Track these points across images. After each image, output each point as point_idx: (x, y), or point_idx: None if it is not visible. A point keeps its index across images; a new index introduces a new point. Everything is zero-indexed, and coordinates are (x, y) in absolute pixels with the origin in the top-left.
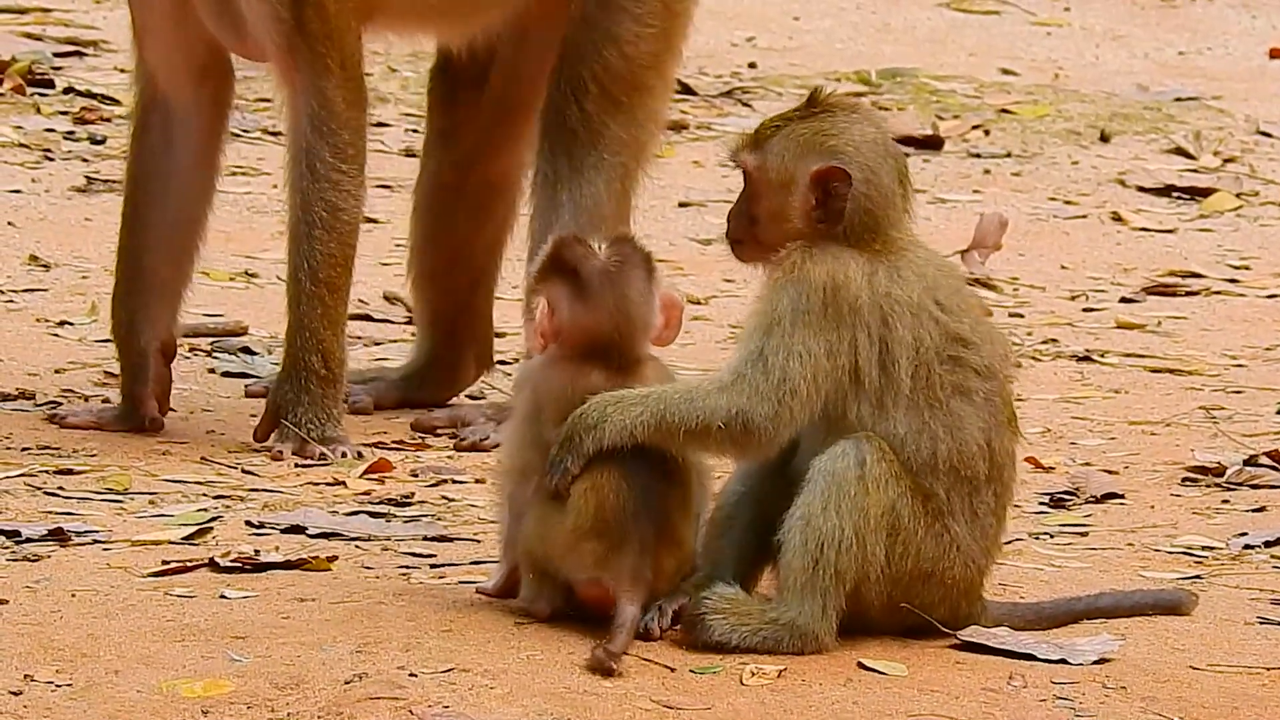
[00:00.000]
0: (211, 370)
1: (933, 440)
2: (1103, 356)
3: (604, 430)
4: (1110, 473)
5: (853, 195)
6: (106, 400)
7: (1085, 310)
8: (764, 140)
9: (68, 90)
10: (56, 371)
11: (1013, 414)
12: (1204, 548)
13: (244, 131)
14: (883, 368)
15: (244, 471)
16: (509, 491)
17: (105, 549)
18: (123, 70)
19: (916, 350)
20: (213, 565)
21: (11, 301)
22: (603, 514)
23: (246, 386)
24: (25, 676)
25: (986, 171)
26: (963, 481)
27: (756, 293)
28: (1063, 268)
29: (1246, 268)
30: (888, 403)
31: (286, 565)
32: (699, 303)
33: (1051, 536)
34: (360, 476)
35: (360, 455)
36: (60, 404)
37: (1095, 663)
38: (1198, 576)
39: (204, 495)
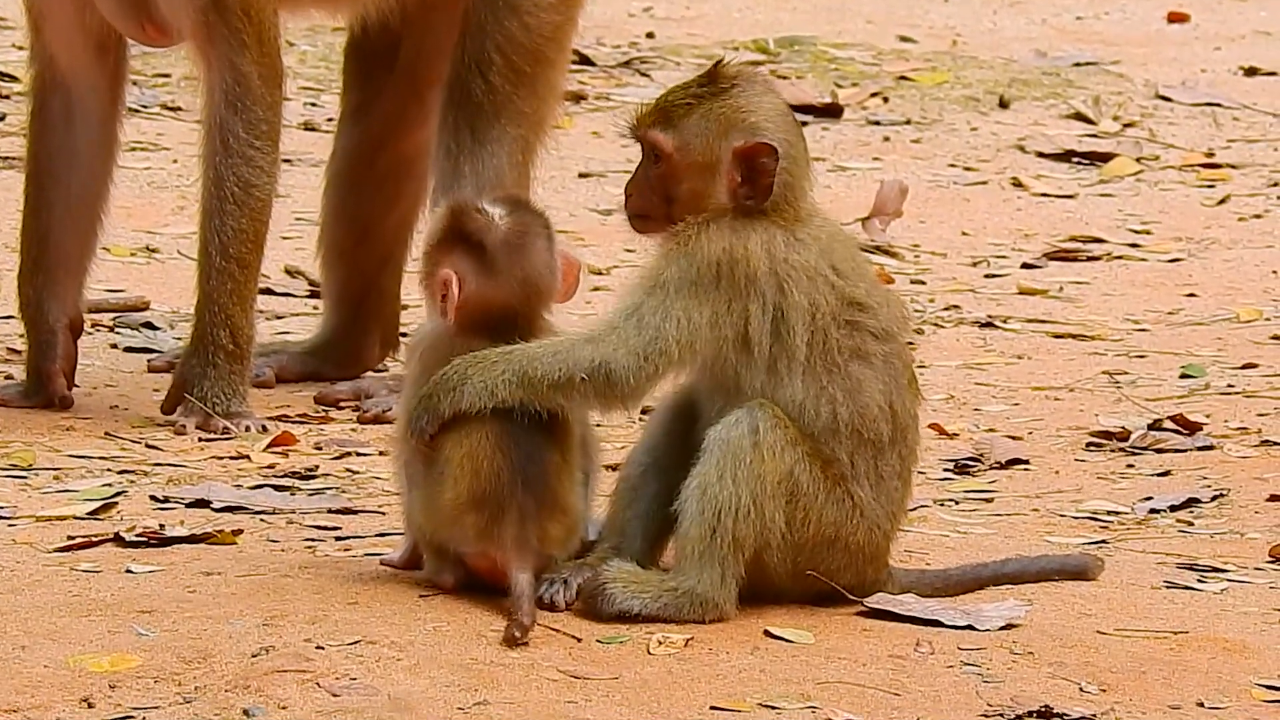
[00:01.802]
0: (114, 345)
1: (832, 404)
2: (1005, 322)
3: (463, 392)
4: (1014, 439)
5: (779, 168)
6: (10, 377)
7: (987, 276)
8: (678, 119)
9: None
10: None
11: (913, 376)
12: (1109, 513)
13: (143, 107)
14: (776, 335)
15: (148, 446)
16: (404, 460)
17: (10, 525)
18: (20, 48)
19: (813, 315)
20: (118, 540)
21: None
22: (479, 485)
23: (149, 361)
24: None
25: (886, 139)
26: (866, 444)
27: (647, 258)
28: (964, 234)
29: (1148, 232)
30: (782, 369)
31: (192, 539)
32: (600, 273)
33: (956, 503)
34: (264, 450)
35: (264, 429)
36: None
37: (1002, 628)
38: (1103, 541)
39: (108, 470)
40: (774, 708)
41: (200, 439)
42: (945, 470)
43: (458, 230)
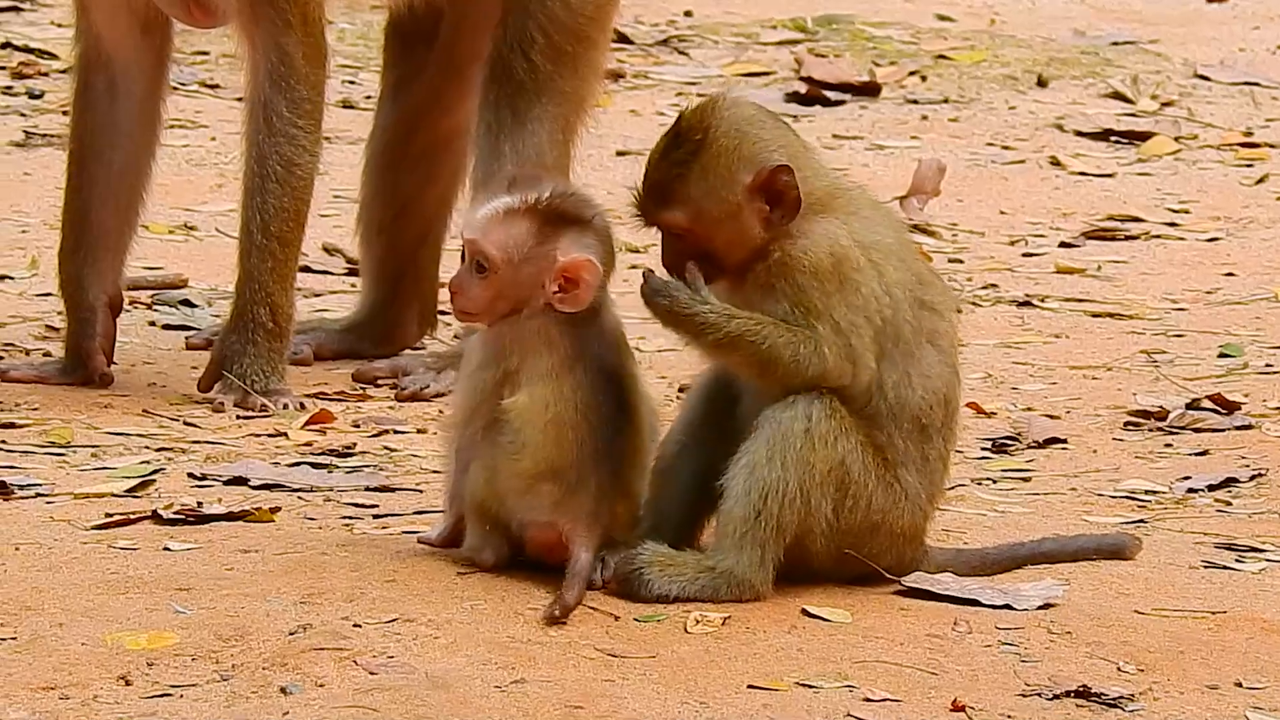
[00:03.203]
0: (152, 323)
1: (909, 389)
2: (1043, 301)
3: (711, 351)
4: (1052, 418)
5: (795, 176)
6: (48, 354)
7: (1025, 255)
8: (677, 192)
9: (5, 45)
10: None
11: (957, 357)
12: (1147, 492)
13: (181, 85)
14: (891, 315)
15: (186, 424)
16: (458, 444)
17: (48, 502)
18: (60, 25)
19: (902, 296)
20: (156, 518)
21: None
22: (561, 454)
23: (187, 339)
24: None
25: (924, 118)
26: (920, 430)
27: (761, 289)
28: (1001, 213)
29: (1186, 211)
30: (894, 353)
31: (229, 517)
32: (637, 250)
33: (994, 482)
34: (302, 427)
35: (302, 406)
36: (1, 358)
37: (1040, 608)
38: (1141, 521)
39: (146, 448)
40: (811, 687)
41: (238, 416)
42: (983, 449)
43: (556, 215)
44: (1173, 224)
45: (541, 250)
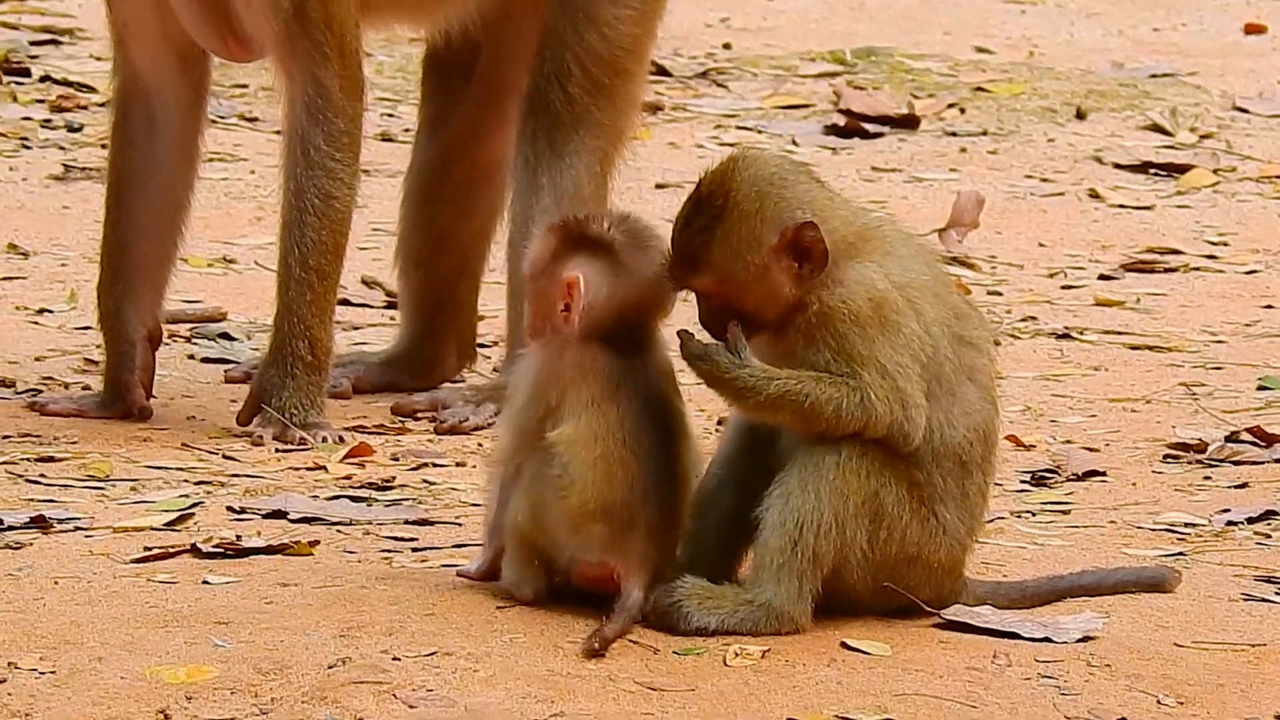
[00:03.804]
0: (191, 356)
1: (950, 428)
2: (1082, 334)
3: (755, 414)
4: (1091, 450)
5: (820, 231)
6: (87, 388)
7: (1064, 288)
8: (701, 259)
9: (44, 79)
10: (36, 359)
11: (995, 391)
12: (1186, 525)
13: (221, 118)
14: (932, 354)
15: (225, 457)
16: (501, 479)
17: (87, 536)
18: (99, 58)
19: (941, 334)
20: (195, 551)
21: None
22: (611, 493)
23: (226, 372)
24: (9, 664)
25: (963, 150)
26: (960, 465)
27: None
28: (1040, 245)
29: (1225, 244)
30: (937, 391)
31: (268, 550)
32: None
33: (1033, 515)
34: (341, 461)
35: (341, 440)
36: (41, 391)
37: (1079, 641)
38: (1181, 553)
39: (185, 481)
40: None
41: (277, 450)
42: (1022, 482)
43: (578, 236)
44: (1211, 256)
45: (554, 268)
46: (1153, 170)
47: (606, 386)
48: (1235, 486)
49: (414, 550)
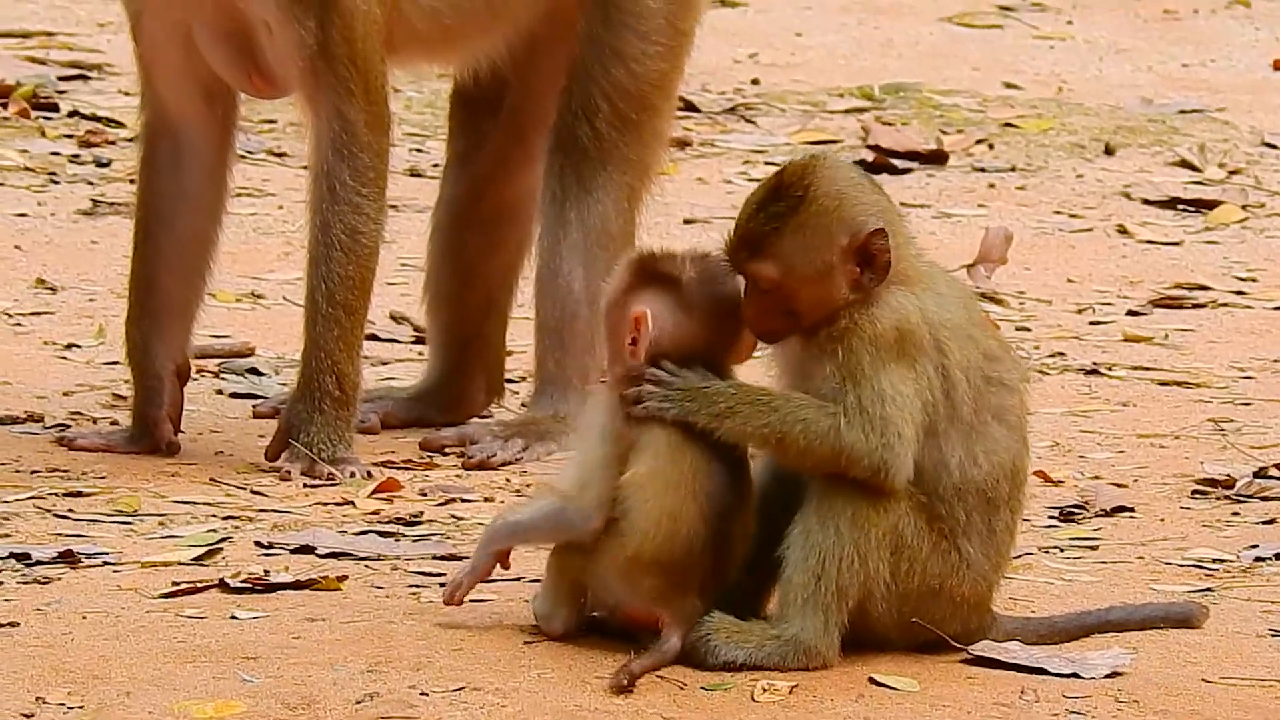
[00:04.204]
0: (219, 391)
1: (974, 466)
2: (1110, 370)
3: (722, 421)
4: (1119, 486)
5: (889, 242)
6: (115, 423)
7: (1092, 323)
8: (771, 245)
9: (72, 113)
10: (65, 394)
11: (1026, 430)
12: (1215, 560)
13: (249, 153)
14: (946, 396)
15: (253, 492)
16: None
17: (115, 571)
18: (127, 93)
19: (967, 375)
20: (223, 586)
21: (19, 325)
22: (671, 550)
23: (254, 407)
24: (37, 699)
25: (991, 185)
26: (986, 503)
27: (803, 357)
28: (1069, 281)
29: (1253, 280)
30: (950, 431)
31: (296, 585)
32: None
33: (1061, 550)
34: (369, 496)
35: (369, 475)
36: (69, 426)
37: (1107, 676)
38: (1209, 589)
39: (213, 516)
40: None
41: (305, 485)
42: (1050, 518)
43: (650, 271)
44: (1240, 292)
45: (624, 301)
46: (1181, 206)
47: (681, 429)
48: (1263, 522)
49: (441, 585)
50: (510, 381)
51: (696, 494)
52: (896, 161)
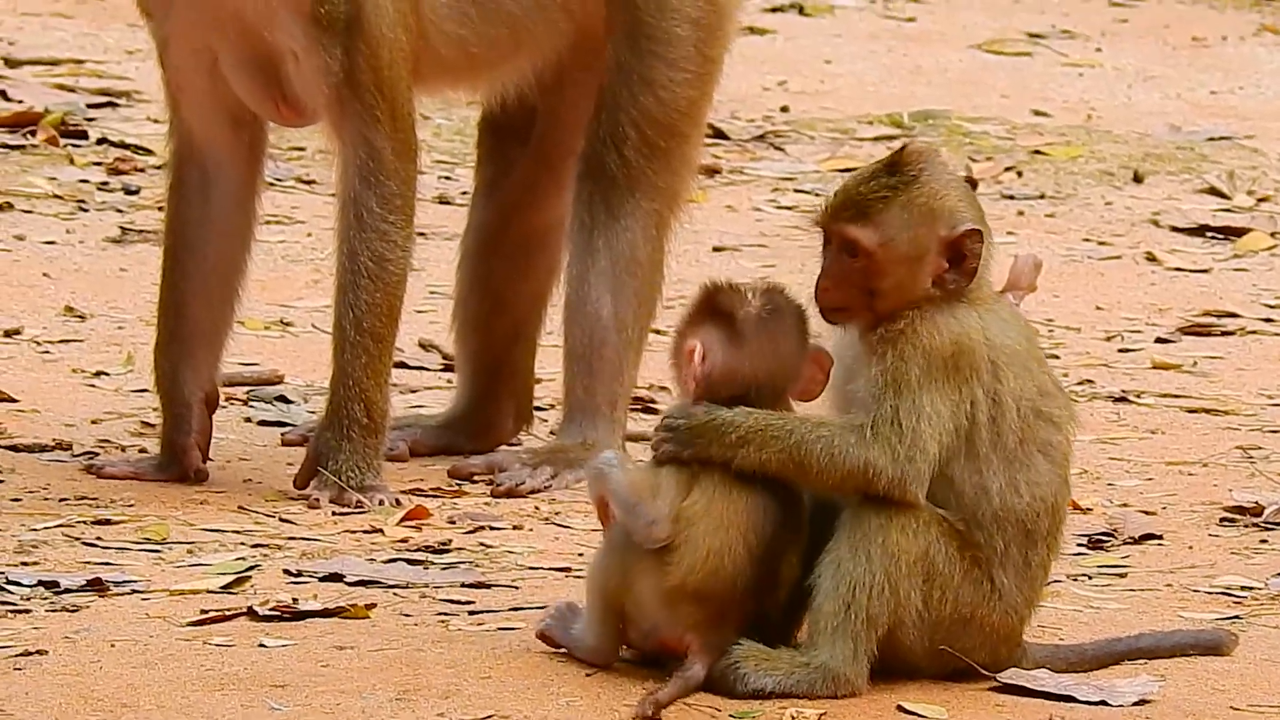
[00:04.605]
0: (248, 419)
1: (1016, 496)
2: (1139, 397)
3: (735, 451)
4: (1148, 513)
5: (984, 250)
6: (144, 450)
7: (1121, 351)
8: (875, 213)
9: (101, 141)
10: (93, 422)
11: (1069, 468)
12: (1243, 588)
13: (278, 180)
14: (993, 422)
15: (281, 520)
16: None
17: (144, 599)
18: (156, 121)
19: (1018, 404)
20: (251, 614)
21: (48, 352)
22: (715, 585)
23: (283, 435)
24: None
25: (1020, 213)
26: (1025, 536)
27: (856, 355)
28: (1098, 308)
29: None
30: (993, 457)
31: (325, 613)
32: None
33: (1090, 578)
34: (398, 524)
35: (398, 503)
36: (97, 454)
37: (1135, 704)
38: (1237, 616)
39: (242, 544)
40: None
41: (334, 513)
42: (1079, 545)
43: (709, 304)
44: (1269, 319)
45: (686, 332)
46: (1210, 233)
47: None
48: None
49: (471, 613)
50: (539, 409)
51: (747, 534)
52: None
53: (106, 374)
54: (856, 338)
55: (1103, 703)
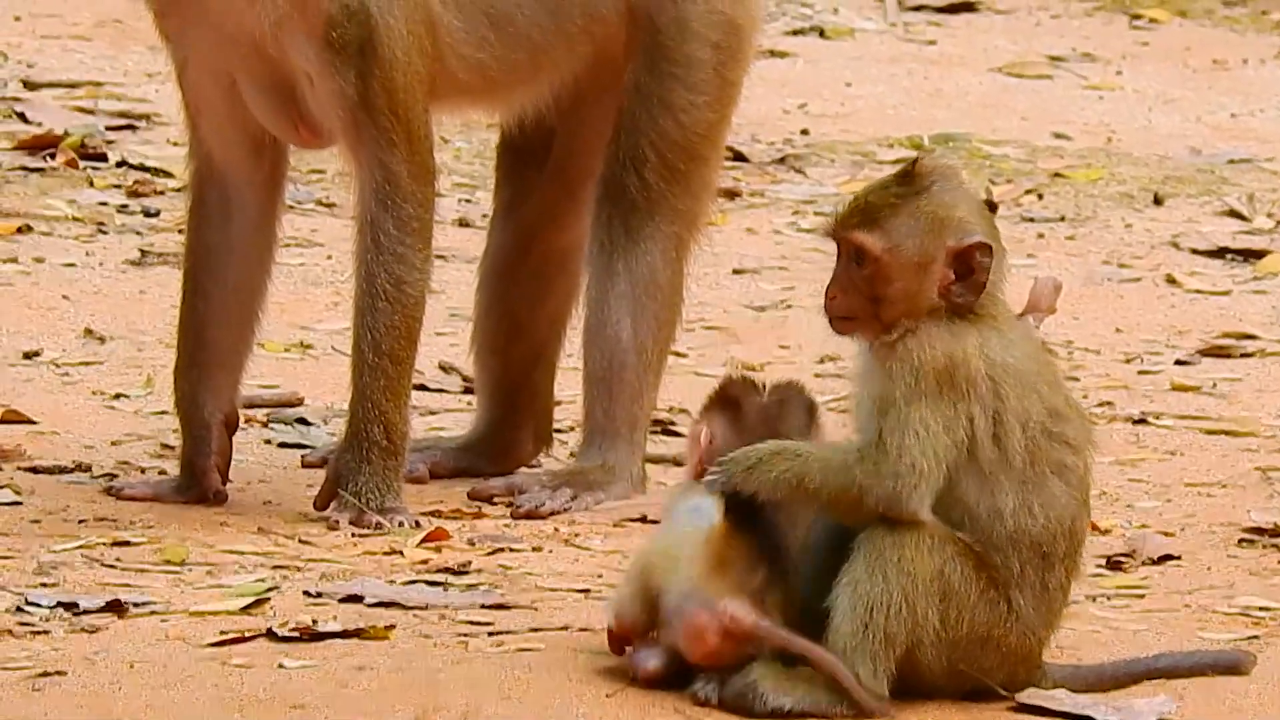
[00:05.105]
0: (267, 441)
1: (1029, 516)
2: (1158, 419)
3: (753, 475)
4: (1167, 534)
5: (992, 265)
6: (163, 472)
7: (1140, 373)
8: (884, 220)
9: (120, 163)
10: (113, 444)
11: (1089, 491)
12: (1261, 608)
13: (298, 203)
14: (996, 441)
15: (301, 542)
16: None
17: (163, 620)
18: (175, 143)
19: (1024, 423)
20: (271, 635)
21: (67, 375)
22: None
23: (302, 457)
24: None
25: (1040, 235)
26: (1041, 559)
27: (864, 368)
28: (1117, 330)
29: None
30: (1001, 477)
31: (344, 635)
32: (754, 369)
33: (1109, 598)
34: (417, 545)
35: (417, 524)
36: (117, 476)
37: None
38: (1255, 637)
39: (261, 565)
40: None
41: (353, 534)
42: (1098, 566)
43: (723, 393)
44: None
45: (700, 417)
46: (1230, 255)
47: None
48: None
49: (490, 634)
50: (558, 431)
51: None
52: None
53: (126, 396)
54: (870, 351)
55: None
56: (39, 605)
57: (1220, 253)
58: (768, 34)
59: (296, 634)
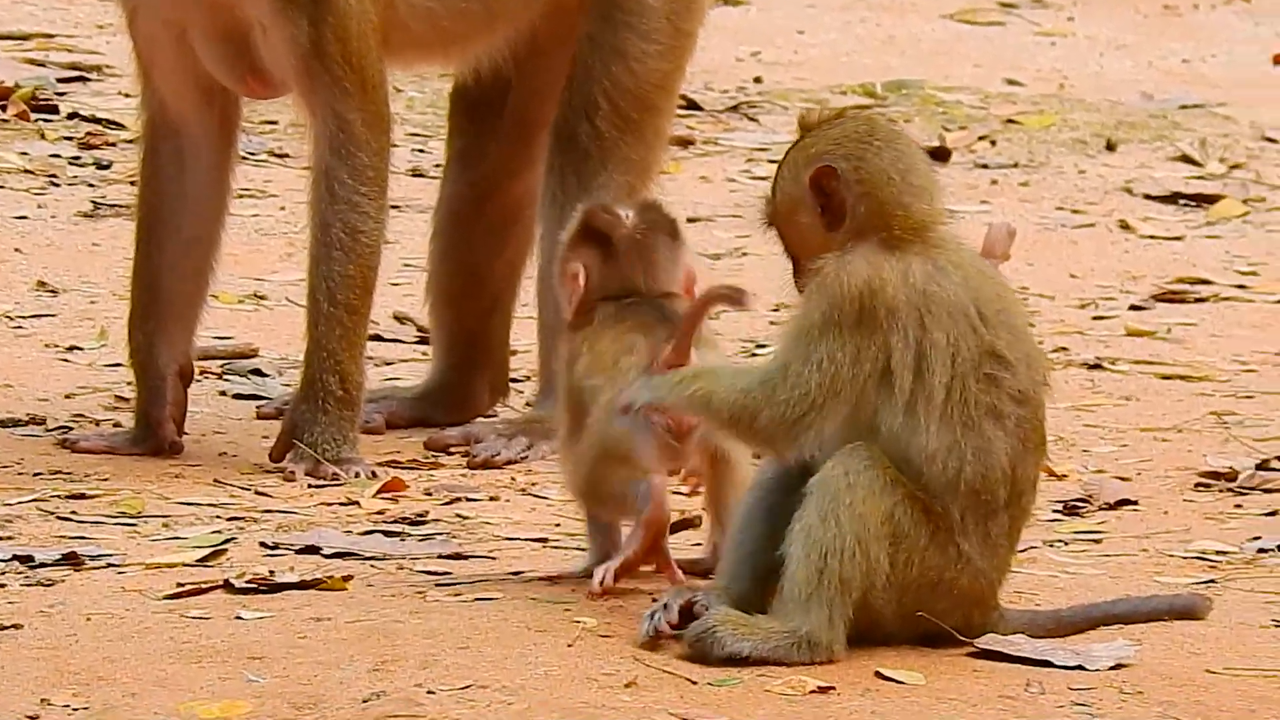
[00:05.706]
0: (222, 393)
1: (960, 461)
2: (1113, 364)
3: (675, 391)
4: (1123, 479)
5: (845, 185)
6: (118, 424)
7: (1095, 318)
8: (771, 184)
9: (72, 115)
10: (67, 397)
11: (1042, 439)
12: (1218, 552)
13: (250, 154)
14: (916, 373)
15: (257, 493)
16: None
17: (119, 572)
18: (127, 95)
19: (952, 358)
20: (228, 586)
21: (20, 327)
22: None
23: (257, 408)
24: (41, 701)
25: (994, 182)
26: (980, 505)
27: (794, 301)
28: (1071, 276)
29: (1254, 273)
30: (920, 412)
31: (302, 585)
32: (711, 318)
33: (1065, 544)
34: (374, 496)
35: (374, 475)
36: (71, 429)
37: (1112, 668)
38: (1212, 581)
39: (217, 517)
40: None
41: (310, 485)
42: (1054, 511)
43: (587, 228)
44: (1241, 286)
45: (567, 257)
46: (1182, 201)
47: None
48: (1266, 514)
49: (448, 584)
50: (514, 380)
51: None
52: None
53: (80, 348)
54: None
55: (1079, 667)
56: None
57: (1173, 198)
58: None
59: (253, 585)
